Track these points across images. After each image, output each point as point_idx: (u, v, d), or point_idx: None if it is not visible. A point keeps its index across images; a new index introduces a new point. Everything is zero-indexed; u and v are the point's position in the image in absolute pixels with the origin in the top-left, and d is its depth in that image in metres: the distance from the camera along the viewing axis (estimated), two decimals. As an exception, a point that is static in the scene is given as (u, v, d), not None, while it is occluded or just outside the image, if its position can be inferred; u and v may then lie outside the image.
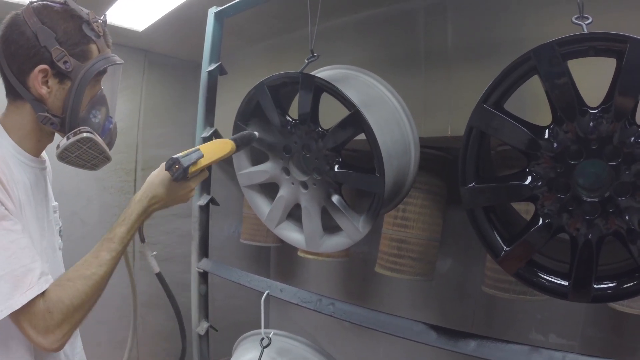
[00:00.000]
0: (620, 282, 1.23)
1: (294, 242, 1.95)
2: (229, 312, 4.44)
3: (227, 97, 2.97)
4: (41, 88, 1.34)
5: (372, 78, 1.90)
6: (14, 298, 1.16)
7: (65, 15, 1.37)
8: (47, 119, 1.37)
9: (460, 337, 1.39)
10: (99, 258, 1.37)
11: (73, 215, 3.88)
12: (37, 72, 1.32)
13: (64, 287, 1.27)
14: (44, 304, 1.21)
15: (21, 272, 1.19)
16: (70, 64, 1.35)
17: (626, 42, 1.08)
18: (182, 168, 1.43)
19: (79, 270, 1.33)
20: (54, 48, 1.32)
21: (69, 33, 1.36)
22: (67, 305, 1.24)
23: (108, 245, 1.41)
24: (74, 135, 1.37)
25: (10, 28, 1.34)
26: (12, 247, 1.19)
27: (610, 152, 1.16)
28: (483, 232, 1.39)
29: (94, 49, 1.43)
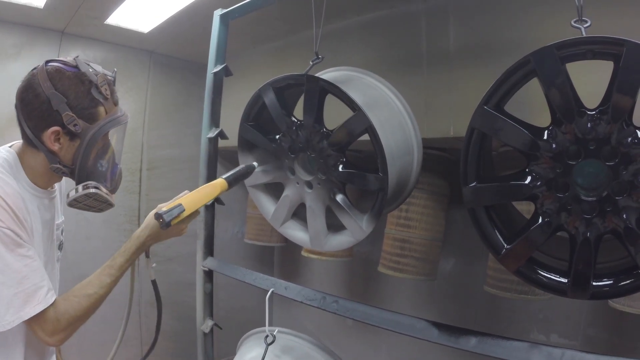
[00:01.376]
0: (618, 280, 1.25)
1: (299, 241, 1.97)
2: (233, 311, 4.47)
3: (232, 98, 2.99)
4: (53, 145, 1.50)
5: (376, 80, 1.92)
6: (24, 310, 1.40)
7: (76, 81, 1.50)
8: (59, 169, 1.55)
9: (462, 333, 1.41)
10: (101, 281, 1.61)
11: (78, 215, 3.87)
12: (49, 132, 1.48)
13: (71, 302, 1.52)
14: (54, 313, 1.47)
15: (32, 290, 1.42)
16: (80, 126, 1.50)
17: (623, 46, 1.10)
18: (165, 222, 1.56)
19: (84, 290, 1.57)
20: (65, 113, 1.47)
21: (79, 98, 1.50)
22: (72, 316, 1.51)
23: (109, 272, 1.64)
24: (83, 189, 1.56)
25: (27, 90, 1.48)
26: (25, 270, 1.41)
27: (608, 153, 1.18)
28: (484, 230, 1.41)
29: (102, 110, 1.56)
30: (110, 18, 3.38)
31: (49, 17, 3.35)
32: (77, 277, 1.60)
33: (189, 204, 1.64)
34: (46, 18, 3.38)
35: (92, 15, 3.30)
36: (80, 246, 3.83)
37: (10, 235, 1.38)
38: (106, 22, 3.43)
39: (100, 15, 3.32)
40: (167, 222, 1.56)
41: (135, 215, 4.26)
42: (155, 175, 4.35)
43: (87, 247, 3.89)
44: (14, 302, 1.39)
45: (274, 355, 1.91)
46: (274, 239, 4.19)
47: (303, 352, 1.97)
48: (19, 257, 1.40)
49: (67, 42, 3.77)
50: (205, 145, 2.35)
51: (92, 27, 3.54)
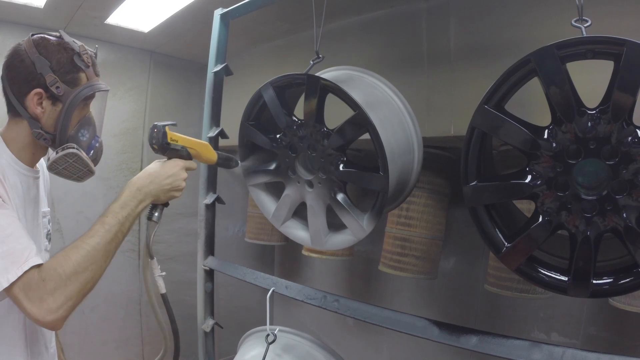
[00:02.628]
0: (617, 278, 1.26)
1: (299, 240, 1.97)
2: (234, 310, 4.47)
3: (233, 97, 2.99)
4: (36, 108, 1.53)
5: (376, 79, 1.93)
6: (11, 272, 1.27)
7: (59, 47, 1.56)
8: (40, 135, 1.55)
9: (462, 332, 1.42)
10: (92, 230, 1.47)
11: (79, 214, 3.91)
12: (33, 94, 1.51)
13: (57, 258, 1.36)
14: (38, 274, 1.30)
15: (18, 250, 1.31)
16: (62, 89, 1.54)
17: (623, 45, 1.11)
18: (160, 127, 1.59)
19: (74, 243, 1.42)
20: (48, 75, 1.51)
21: (61, 63, 1.55)
22: (59, 273, 1.32)
23: (101, 219, 1.51)
24: (62, 150, 1.56)
25: (13, 56, 1.54)
26: (9, 228, 1.32)
27: (608, 152, 1.19)
28: (485, 229, 1.41)
29: (83, 77, 1.61)
30: (111, 18, 3.38)
31: (49, 17, 3.35)
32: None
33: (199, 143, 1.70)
34: (46, 18, 3.38)
35: (92, 15, 3.31)
36: (81, 245, 3.83)
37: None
38: (106, 22, 3.44)
39: (101, 15, 3.32)
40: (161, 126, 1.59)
41: (135, 214, 4.26)
42: (156, 175, 4.35)
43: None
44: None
45: (275, 355, 1.92)
46: (275, 238, 4.19)
47: (304, 351, 1.97)
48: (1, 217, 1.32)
49: (68, 42, 3.76)
50: (206, 144, 2.35)
51: (92, 26, 3.55)
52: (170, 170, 1.67)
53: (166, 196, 1.69)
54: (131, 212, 1.57)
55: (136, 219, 1.60)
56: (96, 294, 3.64)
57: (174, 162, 1.69)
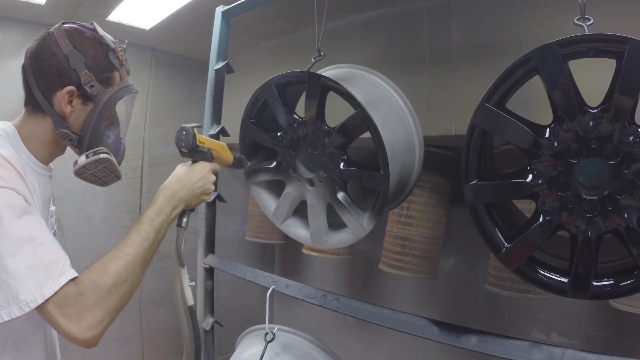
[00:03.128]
0: (618, 280, 1.25)
1: (300, 238, 1.97)
2: (234, 309, 4.47)
3: (234, 95, 2.99)
4: (66, 107, 1.41)
5: (378, 77, 1.92)
6: (45, 286, 1.13)
7: (95, 42, 1.45)
8: (66, 135, 1.44)
9: (462, 332, 1.41)
10: (129, 239, 1.34)
11: (79, 212, 3.90)
12: (64, 92, 1.39)
13: (96, 269, 1.23)
14: (75, 287, 1.17)
15: (51, 260, 1.17)
16: (96, 88, 1.43)
17: (626, 44, 1.10)
18: (189, 130, 1.52)
19: (111, 253, 1.30)
20: (83, 72, 1.40)
21: (97, 59, 1.44)
22: (99, 287, 1.20)
23: (137, 227, 1.39)
24: (93, 154, 1.44)
25: (42, 47, 1.40)
26: (39, 236, 1.18)
27: (609, 151, 1.18)
28: (485, 228, 1.41)
29: (117, 76, 1.51)
30: (112, 15, 3.38)
31: (51, 13, 3.35)
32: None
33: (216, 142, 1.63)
34: (48, 15, 3.37)
35: (93, 12, 3.30)
36: (82, 243, 3.83)
37: (17, 197, 1.18)
38: (108, 19, 3.43)
39: (102, 12, 3.32)
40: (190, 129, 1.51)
41: (136, 212, 4.26)
42: (157, 173, 4.35)
43: (89, 244, 3.89)
44: (30, 276, 1.12)
45: (273, 353, 1.92)
46: (275, 237, 4.18)
47: (303, 351, 1.97)
48: (29, 223, 1.17)
49: (69, 39, 3.76)
50: (207, 142, 2.35)
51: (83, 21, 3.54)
52: (199, 174, 1.58)
53: (197, 200, 1.60)
54: (166, 218, 1.47)
55: (170, 225, 1.50)
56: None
57: (202, 166, 1.60)
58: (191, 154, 1.58)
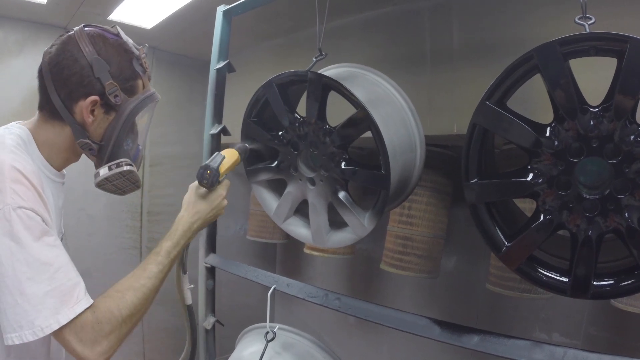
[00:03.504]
0: (619, 280, 1.24)
1: (301, 237, 1.97)
2: (235, 308, 4.47)
3: (235, 94, 2.99)
4: (88, 117, 1.36)
5: (379, 76, 1.92)
6: (61, 313, 1.15)
7: (120, 49, 1.42)
8: (87, 145, 1.40)
9: (464, 331, 1.41)
10: (147, 271, 1.39)
11: (80, 211, 3.90)
12: (88, 102, 1.35)
13: (113, 298, 1.28)
14: (92, 315, 1.21)
15: (68, 287, 1.19)
16: (120, 98, 1.39)
17: (627, 42, 1.10)
18: (214, 170, 1.52)
19: (128, 282, 1.34)
20: (108, 82, 1.36)
21: (122, 68, 1.40)
22: (116, 316, 1.25)
23: (155, 259, 1.43)
24: (117, 167, 1.43)
25: (64, 53, 1.35)
26: (57, 261, 1.19)
27: (610, 150, 1.18)
28: (485, 227, 1.41)
29: (140, 84, 1.48)
30: (113, 14, 3.38)
31: (52, 13, 3.36)
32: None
33: (226, 155, 1.62)
34: (49, 14, 3.38)
35: (94, 11, 3.30)
36: (83, 243, 3.84)
37: (35, 219, 1.18)
38: (109, 18, 3.44)
39: (103, 11, 3.32)
40: (216, 168, 1.51)
41: (137, 211, 4.26)
42: (158, 172, 4.36)
43: (89, 243, 3.90)
44: (47, 302, 1.14)
45: (274, 352, 1.92)
46: (276, 236, 4.19)
47: (303, 350, 1.97)
48: (47, 247, 1.18)
49: (70, 39, 3.76)
50: (208, 141, 2.35)
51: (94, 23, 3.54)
52: (214, 203, 1.62)
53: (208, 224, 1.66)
54: (181, 249, 1.53)
55: None
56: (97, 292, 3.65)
57: (217, 195, 1.63)
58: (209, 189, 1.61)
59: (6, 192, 1.16)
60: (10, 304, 1.12)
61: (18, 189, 1.17)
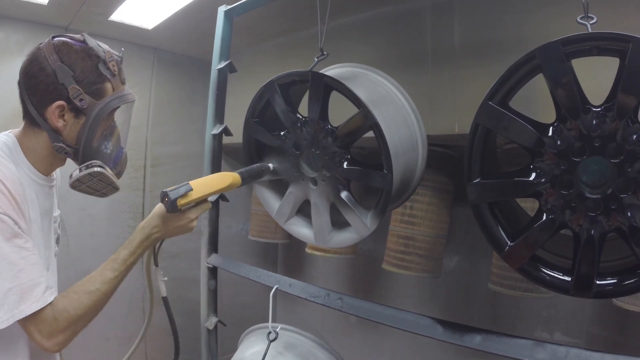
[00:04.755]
0: (621, 279, 1.25)
1: (303, 237, 1.97)
2: (237, 308, 4.47)
3: (236, 94, 2.99)
4: (57, 121, 1.45)
5: (380, 76, 1.92)
6: (19, 308, 1.29)
7: (84, 55, 1.47)
8: (62, 149, 1.49)
9: (466, 331, 1.41)
10: (103, 276, 1.49)
11: (82, 211, 3.90)
12: (54, 107, 1.43)
13: (70, 299, 1.41)
14: (51, 311, 1.35)
15: (29, 286, 1.31)
16: (86, 101, 1.45)
17: (629, 42, 1.10)
18: (170, 200, 1.51)
19: (85, 286, 1.45)
20: (71, 87, 1.42)
21: (85, 72, 1.46)
22: (71, 315, 1.38)
23: (112, 265, 1.52)
24: (86, 168, 1.50)
25: (32, 63, 1.43)
26: (22, 262, 1.30)
27: (613, 150, 1.18)
28: (488, 227, 1.41)
29: (109, 87, 1.52)
30: (115, 14, 3.38)
31: (53, 13, 3.35)
32: (80, 274, 1.52)
33: (197, 186, 1.59)
34: (50, 15, 3.38)
35: (96, 11, 3.30)
36: (84, 243, 3.84)
37: (7, 222, 1.28)
38: (110, 19, 3.44)
39: (105, 11, 3.32)
40: (173, 200, 1.50)
41: (139, 212, 4.26)
42: (160, 172, 4.36)
43: (91, 243, 3.89)
44: (8, 297, 1.27)
45: (276, 352, 1.92)
46: (278, 236, 4.18)
47: (306, 350, 1.97)
48: (16, 248, 1.29)
49: (72, 39, 3.76)
50: (210, 141, 2.35)
51: (96, 23, 3.54)
52: (179, 222, 1.62)
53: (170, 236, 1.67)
54: (138, 256, 1.59)
55: None
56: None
57: (185, 217, 1.62)
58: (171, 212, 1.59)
59: None
60: None
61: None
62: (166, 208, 1.54)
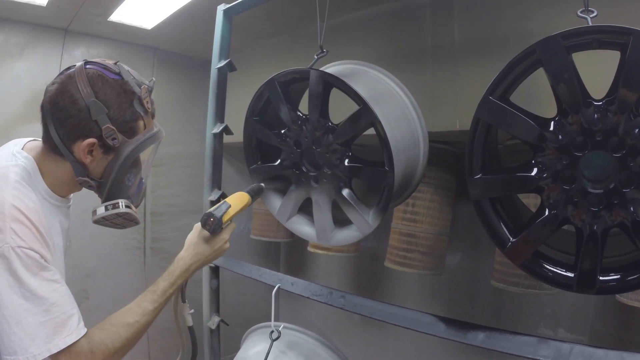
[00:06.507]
0: (625, 274, 1.24)
1: (305, 236, 1.96)
2: (239, 308, 4.47)
3: (237, 93, 2.99)
4: (85, 158, 1.38)
5: (381, 73, 1.91)
6: (53, 342, 1.21)
7: (119, 91, 1.40)
8: (86, 182, 1.43)
9: (469, 328, 1.41)
10: (142, 308, 1.43)
11: (84, 213, 3.88)
12: (85, 144, 1.35)
13: (108, 332, 1.34)
14: (87, 345, 1.28)
15: (62, 319, 1.24)
16: (118, 140, 1.39)
17: (630, 35, 1.09)
18: (217, 219, 1.52)
19: (123, 318, 1.39)
20: (105, 126, 1.35)
21: (121, 110, 1.39)
22: (109, 349, 1.31)
23: (151, 297, 1.46)
24: (113, 207, 1.45)
25: (63, 94, 1.34)
26: (53, 295, 1.24)
27: (615, 144, 1.17)
28: (490, 223, 1.40)
29: (142, 125, 1.46)
30: (114, 15, 3.38)
31: (52, 15, 3.35)
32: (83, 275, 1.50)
33: (233, 203, 1.61)
34: (49, 16, 3.38)
35: (95, 12, 3.30)
36: (87, 244, 3.83)
37: (33, 257, 1.22)
38: (109, 19, 3.44)
39: (104, 12, 3.32)
40: (219, 218, 1.51)
41: (141, 212, 4.26)
42: (161, 173, 4.36)
43: (93, 245, 3.89)
44: (40, 332, 1.20)
45: (279, 351, 1.91)
46: (280, 235, 4.19)
47: (308, 349, 1.97)
48: (44, 282, 1.23)
49: (71, 40, 3.76)
50: (211, 141, 2.35)
51: (95, 24, 3.54)
52: (215, 246, 1.60)
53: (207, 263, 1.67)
54: (177, 287, 1.56)
55: None
56: (102, 292, 3.63)
57: (220, 239, 1.61)
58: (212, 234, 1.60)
59: (6, 231, 1.21)
60: (6, 331, 1.18)
61: (17, 228, 1.22)
62: (211, 229, 1.54)
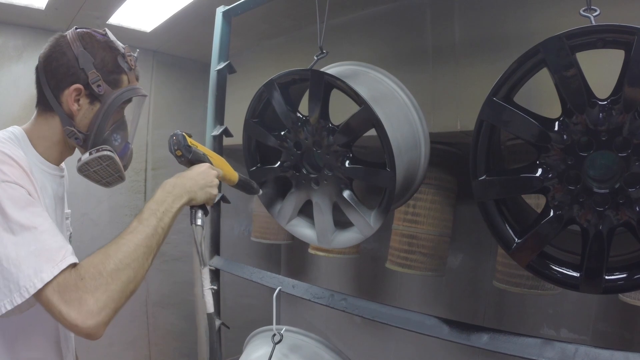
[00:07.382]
0: (631, 273, 1.23)
1: (306, 238, 1.95)
2: (240, 311, 4.46)
3: (236, 95, 2.98)
4: (73, 105, 1.45)
5: (381, 74, 1.91)
6: (45, 271, 1.11)
7: (105, 46, 1.51)
8: (72, 133, 1.48)
9: (473, 330, 1.40)
10: (130, 227, 1.32)
11: (84, 216, 3.90)
12: (72, 89, 1.43)
13: (96, 255, 1.22)
14: (75, 272, 1.15)
15: (54, 247, 1.16)
16: (103, 88, 1.48)
17: (634, 34, 1.09)
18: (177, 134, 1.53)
19: (112, 241, 1.28)
20: (91, 72, 1.45)
21: (105, 61, 1.49)
22: (99, 270, 1.17)
23: (138, 217, 1.35)
24: (97, 151, 1.48)
25: (54, 48, 1.46)
26: (42, 225, 1.18)
27: (620, 143, 1.17)
28: (494, 224, 1.39)
29: (125, 79, 1.55)
30: (113, 18, 3.37)
31: (51, 18, 3.35)
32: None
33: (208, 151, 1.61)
34: (48, 19, 3.37)
35: (94, 15, 3.30)
36: (86, 247, 3.78)
37: (19, 190, 1.19)
38: (108, 22, 3.43)
39: (102, 15, 3.31)
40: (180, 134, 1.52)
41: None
42: (161, 175, 4.35)
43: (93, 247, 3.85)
44: (30, 261, 1.11)
45: (281, 355, 1.91)
46: (281, 237, 4.17)
47: (311, 352, 1.96)
48: (32, 215, 1.17)
49: (70, 43, 3.75)
50: (210, 143, 2.35)
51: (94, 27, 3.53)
52: (199, 169, 1.55)
53: (203, 193, 1.53)
54: (169, 207, 1.41)
55: (176, 218, 1.43)
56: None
57: (200, 164, 1.58)
58: (186, 154, 1.56)
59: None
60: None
61: (3, 167, 1.21)
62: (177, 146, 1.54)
